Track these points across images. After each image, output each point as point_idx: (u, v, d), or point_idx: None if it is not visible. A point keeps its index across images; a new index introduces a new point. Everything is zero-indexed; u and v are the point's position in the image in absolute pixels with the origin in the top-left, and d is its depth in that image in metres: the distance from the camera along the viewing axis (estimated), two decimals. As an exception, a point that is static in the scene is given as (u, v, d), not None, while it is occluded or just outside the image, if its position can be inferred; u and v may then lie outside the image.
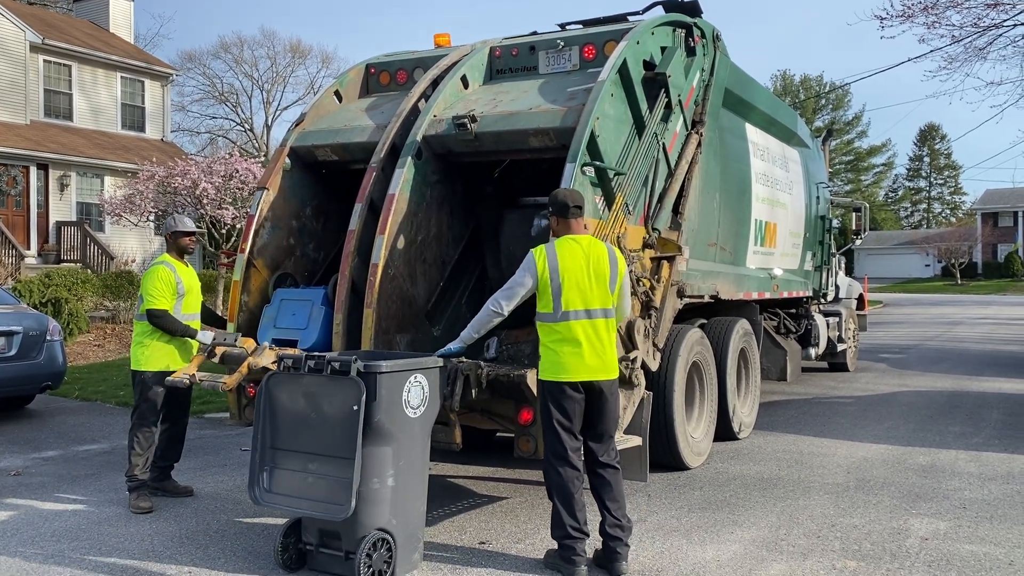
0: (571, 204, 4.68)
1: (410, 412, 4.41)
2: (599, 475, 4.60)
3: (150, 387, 5.85)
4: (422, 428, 4.51)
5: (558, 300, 4.52)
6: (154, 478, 6.04)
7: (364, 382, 4.20)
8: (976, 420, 9.00)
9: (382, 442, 4.29)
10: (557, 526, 4.52)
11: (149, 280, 5.91)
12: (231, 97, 49.73)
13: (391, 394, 4.30)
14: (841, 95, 70.84)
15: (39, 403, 10.07)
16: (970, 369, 13.43)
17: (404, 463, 4.39)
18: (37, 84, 23.64)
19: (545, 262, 4.56)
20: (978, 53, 15.36)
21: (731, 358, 7.68)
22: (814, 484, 6.39)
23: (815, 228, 11.01)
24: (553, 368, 4.53)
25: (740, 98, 8.00)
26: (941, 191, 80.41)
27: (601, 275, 4.59)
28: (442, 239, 6.36)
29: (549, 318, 4.55)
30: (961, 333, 20.91)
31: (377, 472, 4.29)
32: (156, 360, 5.88)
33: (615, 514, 4.55)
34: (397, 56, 7.38)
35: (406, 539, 4.42)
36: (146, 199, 18.29)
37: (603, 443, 4.63)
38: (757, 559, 4.78)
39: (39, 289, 14.58)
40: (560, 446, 4.51)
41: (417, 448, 4.49)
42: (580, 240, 4.65)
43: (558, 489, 4.51)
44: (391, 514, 4.34)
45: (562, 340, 4.51)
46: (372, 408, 4.22)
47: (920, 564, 4.69)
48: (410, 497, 4.45)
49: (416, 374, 4.44)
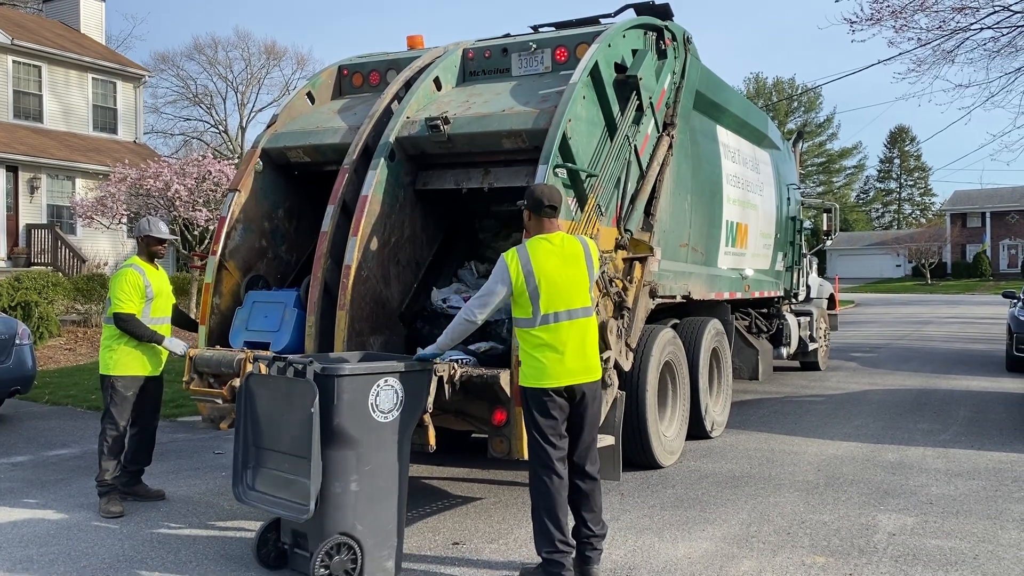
0: (546, 203, 4.47)
1: (379, 416, 4.31)
2: (577, 486, 4.45)
3: (119, 391, 5.82)
4: (395, 433, 4.40)
5: (536, 303, 4.35)
6: (124, 482, 5.99)
7: (323, 385, 4.15)
8: (944, 417, 9.15)
9: (344, 446, 4.22)
10: (543, 539, 4.30)
11: (117, 283, 5.86)
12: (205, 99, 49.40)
13: (354, 397, 4.22)
14: (812, 97, 71.63)
15: (8, 408, 9.94)
16: (938, 367, 13.64)
17: (371, 468, 4.31)
18: (6, 85, 23.33)
19: (518, 266, 4.37)
20: (946, 56, 15.60)
21: (703, 358, 7.75)
22: (785, 481, 6.47)
23: (786, 229, 11.13)
24: (535, 374, 4.36)
25: (711, 100, 8.08)
26: (911, 192, 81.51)
27: (580, 273, 4.44)
28: (415, 240, 6.37)
29: (527, 323, 4.39)
30: (930, 332, 21.21)
31: (339, 476, 4.22)
32: (125, 365, 5.85)
33: (591, 524, 4.44)
34: (370, 58, 7.38)
35: (376, 545, 4.33)
36: (118, 201, 18.13)
37: (586, 452, 4.47)
38: (728, 556, 4.84)
39: (8, 292, 14.39)
40: (545, 455, 4.34)
41: (388, 453, 4.38)
42: (552, 239, 4.46)
43: (544, 499, 4.32)
44: (355, 519, 4.26)
45: (542, 345, 4.35)
46: (331, 411, 4.16)
47: (887, 559, 4.77)
48: (380, 503, 4.36)
49: (386, 378, 4.34)
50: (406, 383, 4.44)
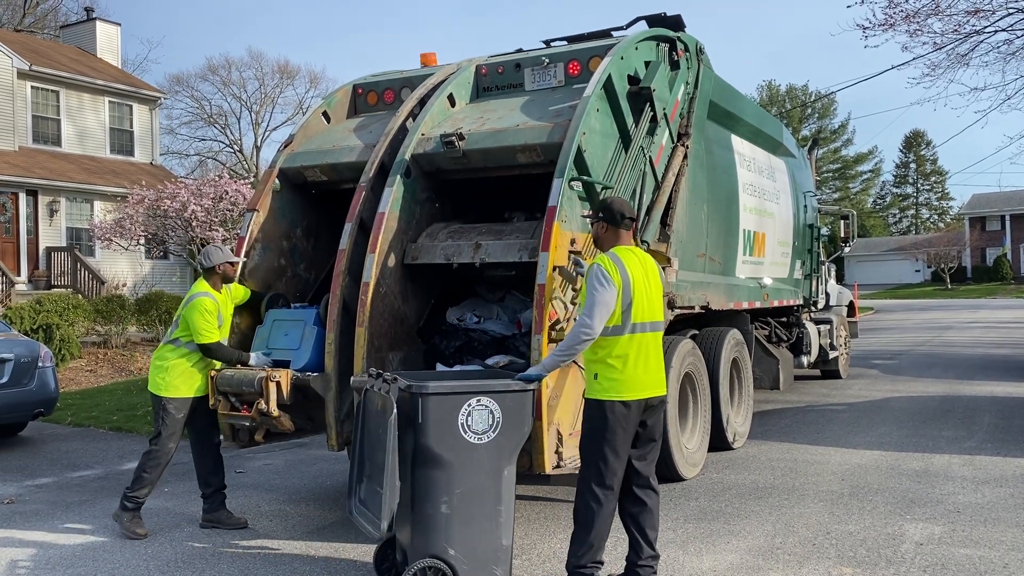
0: (626, 214, 4.51)
1: (472, 437, 4.16)
2: (640, 500, 4.38)
3: (171, 413, 5.77)
4: (492, 455, 4.22)
5: (628, 313, 4.27)
6: (207, 509, 5.94)
7: (409, 403, 4.09)
8: (969, 424, 9.05)
9: (432, 466, 4.13)
10: (581, 556, 4.25)
11: (195, 314, 5.74)
12: (220, 119, 49.87)
13: (441, 416, 4.11)
14: (827, 104, 71.37)
15: (32, 430, 10.02)
16: (961, 373, 13.49)
17: (463, 491, 4.16)
18: (25, 110, 23.64)
19: (618, 273, 4.29)
20: (960, 59, 15.52)
21: (723, 368, 7.71)
22: (809, 492, 6.41)
23: (804, 237, 11.08)
24: (613, 386, 4.25)
25: (725, 110, 8.07)
26: (928, 197, 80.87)
27: (657, 287, 4.47)
28: (432, 256, 6.38)
29: (615, 331, 4.27)
30: (952, 337, 21.01)
31: (429, 497, 4.13)
32: (176, 387, 5.79)
33: (654, 544, 4.38)
34: (384, 76, 7.43)
35: (471, 572, 4.17)
36: (136, 223, 18.30)
37: (653, 466, 4.44)
38: (754, 568, 4.80)
39: (30, 315, 14.52)
40: (608, 470, 4.24)
41: (484, 477, 4.21)
42: (635, 251, 4.49)
43: (596, 516, 4.24)
44: (447, 542, 4.15)
45: (627, 355, 4.27)
46: (417, 430, 4.09)
47: (915, 569, 4.71)
48: (476, 528, 4.20)
49: (479, 397, 4.18)
50: (503, 404, 4.24)
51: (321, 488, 7.10)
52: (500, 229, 6.03)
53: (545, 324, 5.08)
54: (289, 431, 5.89)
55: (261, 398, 5.60)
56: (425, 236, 6.14)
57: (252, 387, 5.65)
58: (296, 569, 5.01)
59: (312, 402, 5.81)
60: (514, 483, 4.38)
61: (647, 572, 4.38)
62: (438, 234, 6.13)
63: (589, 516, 4.28)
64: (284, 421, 5.73)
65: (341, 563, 5.10)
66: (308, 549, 5.39)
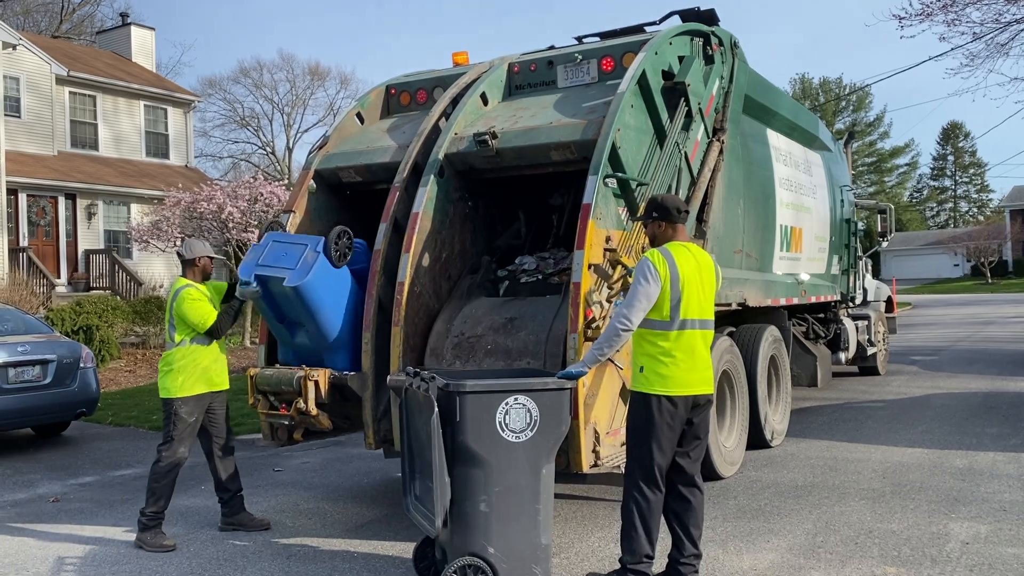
0: (682, 208, 4.50)
1: (509, 436, 4.16)
2: (685, 498, 4.38)
3: (182, 417, 5.63)
4: (530, 454, 4.22)
5: (676, 308, 4.26)
6: (227, 513, 5.87)
7: (446, 401, 4.10)
8: (1014, 421, 8.87)
9: (470, 464, 4.14)
10: (633, 552, 4.26)
11: (184, 306, 5.60)
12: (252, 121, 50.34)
13: (479, 415, 4.12)
14: (861, 96, 70.38)
15: (74, 430, 10.21)
16: (1004, 369, 13.23)
17: (502, 489, 4.17)
18: (63, 116, 24.04)
19: (667, 268, 4.27)
20: (1000, 49, 15.22)
21: (761, 365, 7.63)
22: (849, 490, 6.32)
23: (840, 231, 10.93)
24: (661, 380, 4.24)
25: (760, 104, 7.98)
26: (967, 189, 79.51)
27: (710, 285, 4.43)
28: (466, 255, 6.40)
29: (663, 325, 4.26)
30: (993, 333, 20.62)
31: (468, 495, 4.15)
32: (189, 386, 5.66)
33: (697, 542, 4.37)
34: (416, 76, 7.44)
35: (511, 570, 4.18)
36: (172, 225, 18.52)
37: (698, 464, 4.44)
38: (795, 567, 4.74)
39: (70, 317, 14.80)
40: (654, 466, 4.24)
41: (522, 475, 4.21)
42: (689, 247, 4.46)
43: (644, 513, 4.24)
44: (486, 541, 4.16)
45: (674, 350, 4.25)
46: (456, 429, 4.10)
47: (961, 568, 4.63)
48: (515, 526, 4.21)
49: (516, 396, 4.17)
50: (541, 402, 4.23)
51: (359, 486, 7.14)
52: None
53: (580, 322, 5.06)
54: (327, 429, 5.94)
55: (300, 397, 5.64)
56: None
57: (291, 386, 5.71)
58: (336, 567, 5.04)
59: (349, 401, 5.85)
60: (553, 482, 4.37)
61: (689, 571, 4.36)
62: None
63: (637, 514, 4.27)
64: (322, 420, 5.77)
65: (381, 560, 5.12)
66: (348, 547, 5.42)
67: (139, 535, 5.60)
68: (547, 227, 7.04)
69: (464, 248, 6.38)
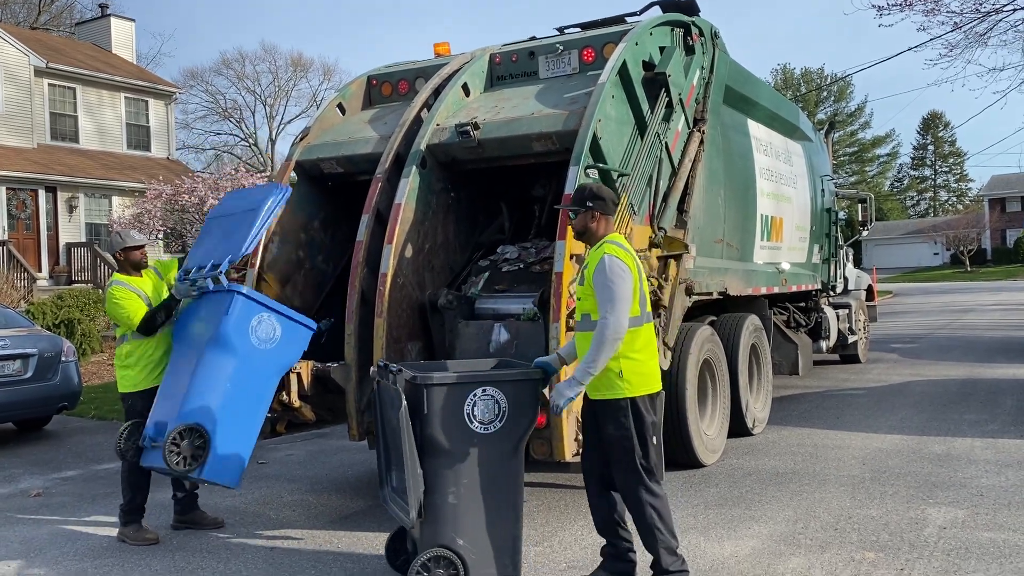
0: (617, 200, 4.35)
1: (478, 427, 4.12)
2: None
3: (139, 411, 5.52)
4: (499, 446, 4.19)
5: (644, 301, 4.15)
6: (179, 511, 5.77)
7: (413, 393, 4.09)
8: (991, 407, 8.98)
9: (438, 456, 4.12)
10: (671, 551, 4.11)
11: (109, 307, 5.54)
12: (234, 113, 50.10)
13: (446, 407, 4.09)
14: (843, 87, 70.70)
15: (56, 424, 10.15)
16: (982, 356, 13.39)
17: (471, 481, 4.16)
18: (43, 108, 23.81)
19: (635, 264, 4.13)
20: (979, 39, 15.35)
21: (742, 354, 7.69)
22: (829, 477, 6.39)
23: (821, 221, 11.01)
24: (643, 380, 4.12)
25: (741, 94, 8.02)
26: (947, 179, 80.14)
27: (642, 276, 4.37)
28: (449, 246, 6.41)
29: (635, 322, 4.08)
30: (972, 320, 20.84)
31: (437, 487, 4.13)
32: (141, 381, 5.57)
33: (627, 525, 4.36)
34: (398, 67, 7.43)
35: (480, 563, 4.17)
36: (154, 217, 18.43)
37: None
38: (775, 553, 4.80)
39: (52, 311, 14.69)
40: (656, 467, 4.13)
41: (491, 467, 4.18)
42: (623, 239, 4.36)
43: (661, 511, 4.11)
44: (455, 533, 4.15)
45: (648, 345, 4.17)
46: (424, 421, 4.08)
47: (939, 553, 4.70)
48: (483, 519, 4.19)
49: (484, 387, 4.13)
50: (509, 393, 4.18)
51: (342, 478, 7.15)
52: None
53: (563, 312, 5.08)
54: (310, 421, 5.94)
55: (283, 389, 5.64)
56: None
57: (273, 378, 5.69)
58: (320, 558, 5.06)
59: (333, 393, 5.85)
60: (522, 473, 4.35)
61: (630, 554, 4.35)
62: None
63: (657, 516, 4.12)
64: (305, 412, 5.78)
65: (364, 551, 5.14)
66: (331, 538, 5.43)
67: (121, 529, 5.57)
68: (529, 218, 7.06)
69: (447, 239, 6.38)
